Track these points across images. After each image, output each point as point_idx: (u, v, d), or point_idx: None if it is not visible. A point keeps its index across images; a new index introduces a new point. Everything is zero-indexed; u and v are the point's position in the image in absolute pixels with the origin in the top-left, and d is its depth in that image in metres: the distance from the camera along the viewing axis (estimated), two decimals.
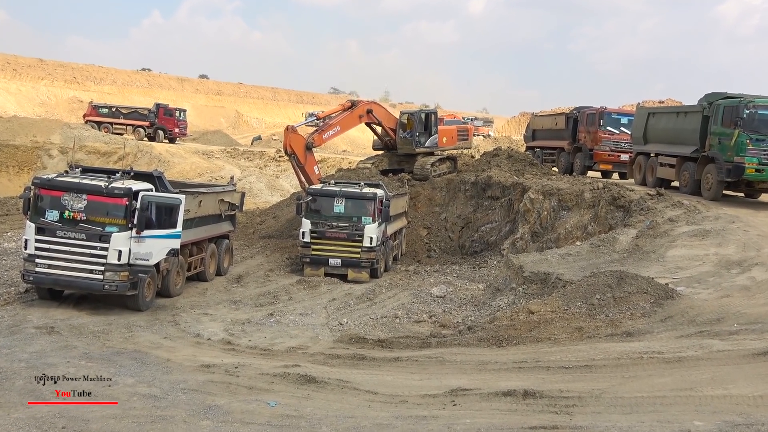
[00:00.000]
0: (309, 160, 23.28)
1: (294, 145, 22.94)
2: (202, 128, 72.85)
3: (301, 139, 23.12)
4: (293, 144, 22.92)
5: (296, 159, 23.16)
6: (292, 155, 23.19)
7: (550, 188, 21.44)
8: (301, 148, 23.02)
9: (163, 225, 14.17)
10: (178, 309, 14.99)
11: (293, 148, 22.96)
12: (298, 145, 23.00)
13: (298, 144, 23.01)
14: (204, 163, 40.80)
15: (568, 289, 12.67)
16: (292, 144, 22.91)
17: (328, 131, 24.19)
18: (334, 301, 16.55)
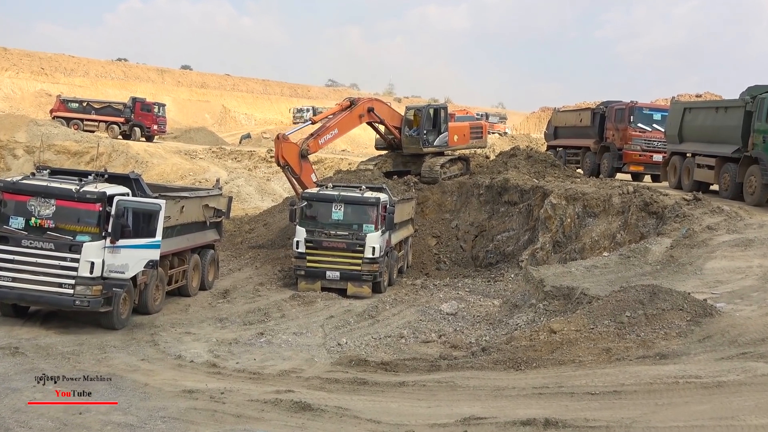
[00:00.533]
0: (305, 168, 23.32)
1: (287, 155, 22.96)
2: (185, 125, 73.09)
3: (294, 148, 23.16)
4: (286, 154, 22.95)
5: (291, 170, 23.22)
6: (285, 166, 23.24)
7: (574, 192, 21.45)
8: (295, 157, 23.04)
9: (141, 233, 14.21)
10: (158, 327, 15.01)
11: (286, 159, 22.98)
12: (292, 155, 23.01)
13: (292, 153, 23.03)
14: (186, 165, 40.94)
15: (594, 305, 12.67)
16: (284, 154, 22.93)
17: (324, 135, 24.24)
18: (332, 319, 16.56)
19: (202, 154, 45.29)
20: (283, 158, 22.97)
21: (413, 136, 27.23)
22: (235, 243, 25.27)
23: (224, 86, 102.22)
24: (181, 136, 58.79)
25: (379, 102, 27.13)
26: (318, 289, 19.24)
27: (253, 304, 17.82)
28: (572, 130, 32.34)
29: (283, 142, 22.99)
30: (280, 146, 22.94)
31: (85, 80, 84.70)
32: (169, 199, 15.88)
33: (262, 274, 21.22)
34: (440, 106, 28.96)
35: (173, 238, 16.68)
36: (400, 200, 21.87)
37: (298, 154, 23.12)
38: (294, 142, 23.44)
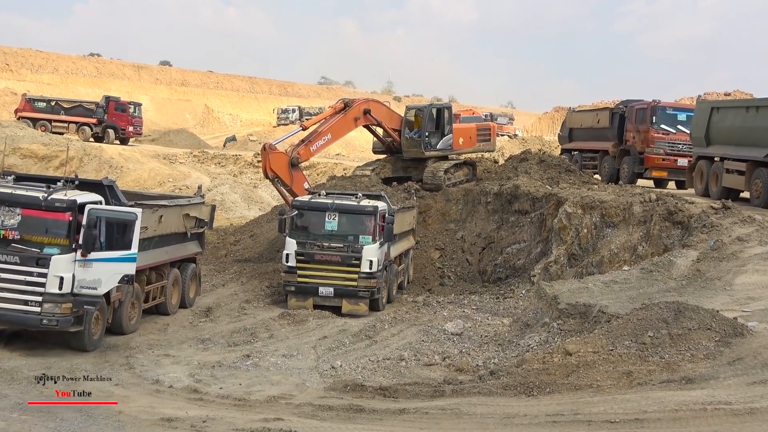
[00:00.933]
0: (296, 178, 23.35)
1: (275, 166, 22.97)
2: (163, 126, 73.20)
3: (283, 158, 23.18)
4: (274, 165, 22.95)
5: (281, 181, 23.24)
6: (275, 179, 23.26)
7: (591, 200, 21.49)
8: (284, 167, 23.05)
9: (115, 246, 14.21)
10: (133, 349, 14.99)
11: (275, 170, 22.98)
12: (281, 165, 23.02)
13: (281, 163, 23.04)
14: (165, 170, 40.97)
15: (613, 324, 12.67)
16: (273, 166, 22.93)
17: (316, 141, 24.26)
18: (326, 340, 16.55)
19: (182, 158, 45.34)
20: (271, 170, 22.95)
21: (414, 139, 27.29)
22: (218, 256, 25.25)
23: (207, 84, 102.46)
24: (159, 138, 58.88)
25: (377, 103, 27.19)
26: (310, 306, 19.23)
27: (239, 323, 17.80)
28: (589, 131, 32.41)
29: (271, 153, 22.98)
30: (268, 157, 22.90)
31: (54, 77, 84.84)
32: (146, 207, 15.88)
33: (249, 291, 21.19)
34: (444, 106, 29.03)
35: (151, 251, 16.67)
36: (400, 209, 21.89)
37: (288, 164, 23.12)
38: (282, 152, 23.43)
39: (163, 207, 17.43)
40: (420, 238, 25.33)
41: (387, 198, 21.20)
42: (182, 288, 18.65)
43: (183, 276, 18.69)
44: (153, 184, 37.88)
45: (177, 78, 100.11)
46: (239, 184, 39.84)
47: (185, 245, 18.88)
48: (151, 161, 42.53)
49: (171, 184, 38.03)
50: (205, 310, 18.91)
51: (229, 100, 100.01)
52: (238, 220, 33.06)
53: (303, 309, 19.02)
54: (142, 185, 36.90)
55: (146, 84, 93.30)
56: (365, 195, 20.92)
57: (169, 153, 46.47)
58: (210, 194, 34.16)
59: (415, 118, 27.81)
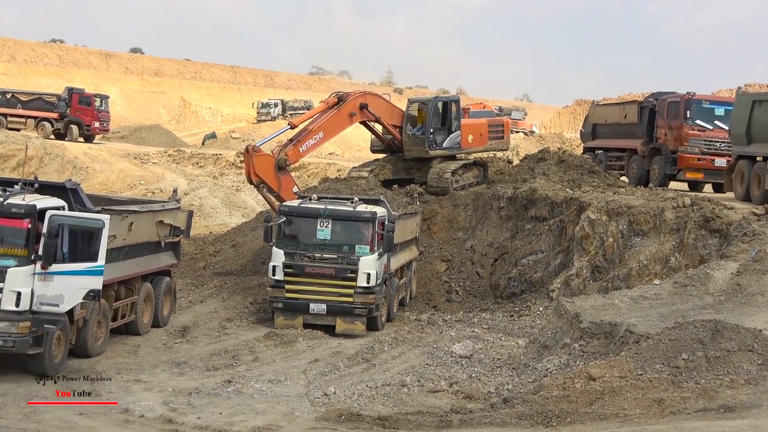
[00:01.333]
0: (285, 182, 23.34)
1: (261, 170, 22.97)
2: (134, 122, 73.25)
3: (268, 160, 23.18)
4: (259, 169, 22.95)
5: (267, 187, 23.24)
6: (260, 184, 23.26)
7: (617, 205, 21.51)
8: (270, 171, 23.05)
9: (80, 257, 14.22)
10: (100, 374, 14.97)
11: (260, 175, 22.98)
12: (267, 169, 23.02)
13: (266, 167, 23.03)
14: (136, 171, 40.98)
15: (642, 345, 12.68)
16: (257, 170, 22.93)
17: (306, 141, 24.26)
18: (317, 363, 16.55)
19: (155, 158, 45.34)
20: (255, 175, 22.94)
21: (417, 137, 27.31)
22: (196, 269, 25.24)
23: (183, 74, 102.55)
24: (129, 135, 58.90)
25: (375, 96, 27.21)
26: (299, 325, 19.22)
27: (219, 344, 17.79)
28: (615, 128, 32.43)
29: (255, 155, 22.97)
30: (251, 160, 22.89)
31: (11, 66, 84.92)
32: (114, 213, 15.90)
33: (230, 308, 21.18)
34: (451, 99, 29.05)
35: (120, 263, 16.69)
36: (402, 215, 21.89)
37: (274, 167, 23.12)
38: (268, 153, 23.43)
39: (134, 213, 17.45)
40: (424, 248, 25.33)
41: (387, 203, 21.21)
42: (155, 305, 18.64)
43: (156, 291, 18.69)
44: (122, 187, 37.88)
45: (149, 67, 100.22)
46: (220, 187, 39.86)
47: (159, 256, 18.87)
48: (121, 161, 42.54)
49: (143, 187, 38.04)
50: (181, 329, 18.90)
51: (209, 92, 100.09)
52: (219, 227, 33.05)
53: (292, 328, 19.01)
54: (110, 188, 36.92)
55: (115, 74, 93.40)
56: (362, 199, 20.92)
57: (140, 152, 46.46)
58: (187, 199, 34.16)
59: (418, 112, 27.83)
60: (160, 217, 18.65)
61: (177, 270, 21.19)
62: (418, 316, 21.78)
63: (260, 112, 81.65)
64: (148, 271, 18.36)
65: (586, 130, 35.22)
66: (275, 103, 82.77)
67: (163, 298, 18.96)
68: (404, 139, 27.29)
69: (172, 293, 19.70)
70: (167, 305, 19.37)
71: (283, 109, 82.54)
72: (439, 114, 27.77)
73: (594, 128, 34.14)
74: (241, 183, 40.47)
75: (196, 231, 27.66)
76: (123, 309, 17.33)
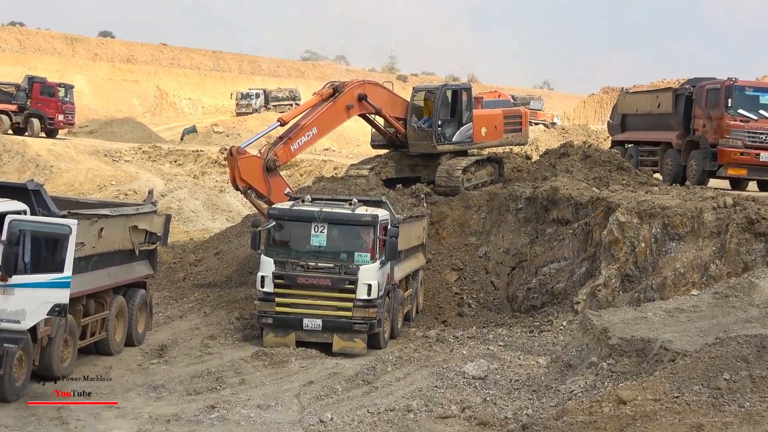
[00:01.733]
0: (275, 185, 23.36)
1: (247, 174, 23.00)
2: (104, 115, 73.38)
3: (255, 162, 23.23)
4: (246, 173, 22.97)
5: (256, 193, 23.28)
6: (248, 190, 23.30)
7: (650, 206, 21.50)
8: (258, 174, 23.10)
9: (44, 267, 14.23)
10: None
11: (247, 180, 23.02)
12: (254, 172, 23.06)
13: (253, 170, 23.07)
14: (107, 170, 41.04)
15: (679, 364, 12.67)
16: (244, 174, 22.96)
17: (298, 138, 24.26)
18: (312, 386, 16.55)
19: (128, 155, 45.44)
20: (242, 180, 22.99)
21: (424, 130, 27.33)
22: (175, 280, 25.25)
23: (159, 60, 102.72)
24: (99, 130, 58.95)
25: (375, 85, 27.21)
26: (292, 343, 19.23)
27: (201, 365, 17.80)
28: (647, 119, 32.43)
29: (240, 159, 22.99)
30: (236, 164, 22.91)
31: None
32: (82, 218, 15.91)
33: (214, 324, 21.18)
34: (461, 87, 29.09)
35: (89, 274, 16.70)
36: (407, 218, 21.90)
37: (263, 169, 23.17)
38: (254, 155, 23.45)
39: (105, 218, 17.44)
40: (432, 256, 25.34)
41: (389, 205, 21.21)
42: (129, 321, 18.65)
43: (130, 305, 18.70)
44: (91, 188, 37.94)
45: (121, 53, 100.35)
46: (201, 187, 39.93)
47: (132, 266, 18.88)
48: (89, 159, 42.60)
49: (114, 189, 38.11)
50: (158, 348, 18.90)
51: (188, 80, 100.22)
52: (200, 233, 33.10)
53: (283, 347, 19.02)
54: (78, 190, 36.96)
55: (82, 61, 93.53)
56: (361, 201, 20.93)
57: (111, 148, 46.55)
58: (164, 201, 34.21)
59: (424, 102, 27.86)
60: (133, 221, 18.66)
61: (153, 281, 21.19)
62: (425, 333, 21.77)
63: (240, 103, 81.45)
64: (120, 282, 18.37)
65: (614, 121, 35.20)
66: (257, 93, 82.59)
67: (137, 313, 18.96)
68: (409, 132, 27.30)
69: (148, 308, 19.71)
70: (142, 321, 19.37)
71: (265, 100, 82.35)
72: (447, 104, 27.80)
73: (623, 119, 34.12)
74: (225, 183, 40.53)
75: (174, 237, 27.72)
76: (92, 326, 17.32)
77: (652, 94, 34.30)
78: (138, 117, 73.33)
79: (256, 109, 79.65)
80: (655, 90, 39.48)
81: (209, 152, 46.52)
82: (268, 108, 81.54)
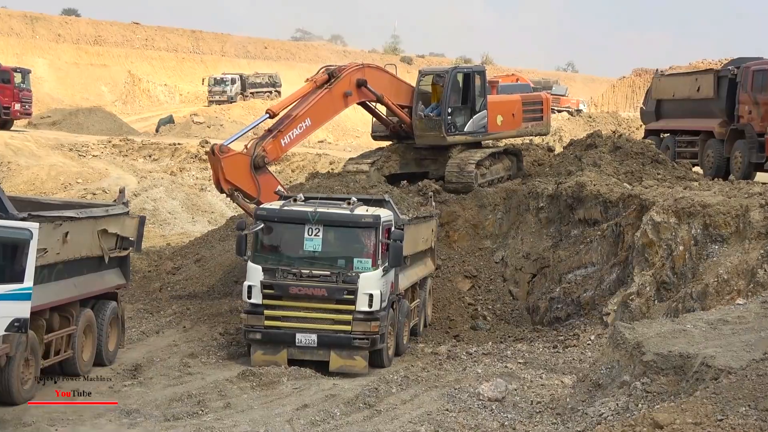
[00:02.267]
0: (264, 183, 23.41)
1: (233, 175, 23.08)
2: (69, 103, 73.42)
3: (241, 160, 23.28)
4: (231, 174, 23.04)
5: (243, 194, 23.34)
6: (235, 192, 23.34)
7: (689, 204, 21.50)
8: (245, 174, 23.20)
9: (1, 277, 14.22)
10: (28, 426, 15.01)
11: (233, 181, 23.10)
12: (240, 172, 23.14)
13: (239, 170, 23.15)
14: (72, 166, 41.06)
15: (723, 383, 12.68)
16: (229, 175, 23.03)
17: (289, 131, 24.25)
18: (306, 410, 16.55)
19: (96, 149, 45.44)
20: (226, 182, 23.07)
21: (432, 119, 27.34)
22: (150, 291, 25.25)
23: (131, 42, 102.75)
24: (63, 120, 58.93)
25: (376, 69, 27.21)
26: (283, 361, 19.23)
27: (180, 387, 17.79)
28: (685, 104, 32.44)
29: (224, 158, 23.03)
30: (220, 164, 22.96)
31: None
32: (45, 221, 15.90)
33: (194, 340, 21.19)
34: (474, 70, 29.11)
35: (52, 284, 16.69)
36: (413, 220, 21.93)
37: (250, 168, 23.25)
38: (240, 153, 23.47)
39: (70, 220, 17.42)
40: (442, 262, 25.36)
41: (393, 204, 21.23)
42: (98, 337, 18.63)
43: (99, 320, 18.69)
44: (54, 186, 37.97)
45: (88, 33, 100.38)
46: (179, 186, 39.95)
47: (102, 275, 18.88)
48: (52, 154, 42.63)
49: (81, 187, 38.14)
50: (132, 368, 18.89)
51: (164, 64, 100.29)
52: (178, 237, 33.12)
53: (273, 365, 19.02)
54: (39, 189, 36.99)
55: (43, 42, 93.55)
56: (362, 200, 20.94)
57: (77, 142, 46.54)
58: (137, 201, 34.26)
59: (432, 88, 27.87)
60: (103, 225, 18.65)
61: (126, 293, 21.21)
62: (434, 349, 21.78)
63: (213, 90, 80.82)
64: (88, 294, 18.36)
65: (648, 107, 35.22)
66: (232, 79, 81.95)
67: (108, 328, 18.94)
68: (415, 122, 27.30)
69: (120, 322, 19.69)
70: (113, 338, 19.37)
71: (242, 87, 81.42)
72: (459, 89, 27.80)
73: (658, 105, 34.14)
74: (206, 180, 40.55)
75: (149, 242, 27.72)
76: (57, 343, 17.28)
77: (690, 77, 34.29)
78: (107, 106, 73.42)
79: (232, 97, 79.19)
80: (695, 72, 39.47)
81: (188, 145, 46.52)
82: (245, 96, 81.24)
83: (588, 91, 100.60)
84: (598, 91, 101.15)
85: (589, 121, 60.10)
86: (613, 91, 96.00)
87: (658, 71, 41.34)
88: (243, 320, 19.80)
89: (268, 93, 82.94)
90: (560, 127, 55.91)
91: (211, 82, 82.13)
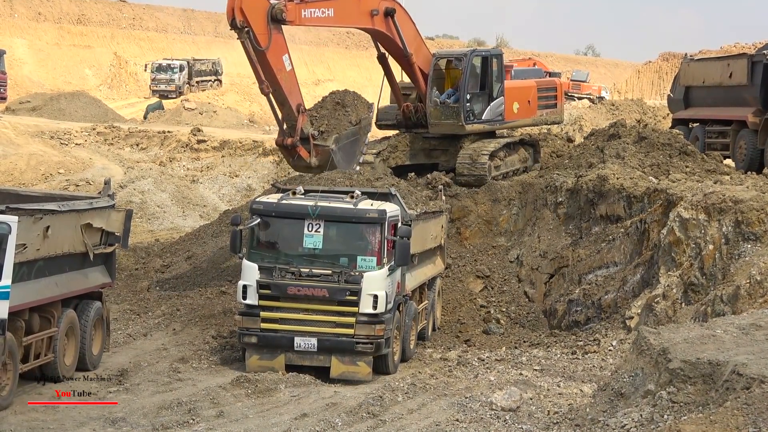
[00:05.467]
0: (275, 42, 23.59)
1: (249, 7, 23.15)
2: (50, 88, 73.50)
3: (262, 3, 23.39)
4: (247, 6, 23.12)
5: (251, 36, 23.34)
6: (244, 29, 23.30)
7: (719, 199, 21.50)
8: (261, 16, 23.28)
9: None
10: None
11: (247, 14, 23.10)
12: (257, 12, 23.24)
13: (257, 9, 23.28)
14: (54, 155, 41.11)
15: (755, 393, 12.70)
16: (244, 5, 23.10)
17: (313, 7, 24.36)
18: (305, 420, 16.59)
19: (80, 137, 45.47)
20: (240, 11, 23.14)
21: (449, 106, 27.26)
22: (138, 290, 25.28)
23: (117, 21, 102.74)
24: (44, 106, 58.95)
25: (406, 14, 26.98)
26: (280, 367, 19.28)
27: (170, 394, 17.83)
28: (716, 92, 32.43)
29: None
30: None
31: None
32: (24, 214, 15.94)
33: (185, 343, 21.23)
34: (492, 53, 29.01)
35: (32, 282, 16.75)
36: (422, 215, 21.95)
37: (267, 14, 23.40)
38: None
39: (52, 213, 17.45)
40: (452, 260, 25.37)
41: (400, 198, 21.23)
42: (81, 340, 18.66)
43: (82, 321, 18.72)
44: (34, 177, 38.03)
45: (70, 12, 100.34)
46: (169, 177, 39.97)
47: (86, 273, 18.92)
48: (32, 142, 42.68)
49: (62, 178, 38.19)
50: (118, 373, 18.91)
51: (152, 45, 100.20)
52: (168, 233, 33.15)
53: (270, 371, 19.06)
54: (18, 180, 37.06)
55: (22, 22, 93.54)
56: (366, 193, 20.95)
57: (59, 129, 46.58)
58: (123, 193, 34.31)
59: (446, 72, 27.80)
60: (86, 218, 18.67)
61: (111, 292, 21.23)
62: (444, 354, 21.82)
63: (156, 79, 77.67)
64: (71, 293, 18.41)
65: (676, 95, 35.21)
66: (180, 66, 78.99)
67: (92, 330, 18.97)
68: (429, 109, 27.14)
69: (105, 324, 19.72)
70: (98, 340, 19.40)
71: (189, 75, 79.16)
72: (477, 74, 27.70)
73: (687, 93, 34.12)
74: (198, 171, 40.59)
75: (136, 238, 27.75)
76: (37, 346, 17.30)
77: (722, 62, 34.24)
78: (91, 91, 73.47)
79: (179, 86, 77.04)
80: (726, 57, 39.38)
81: (179, 134, 46.45)
82: (191, 85, 79.39)
83: (611, 77, 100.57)
84: (621, 76, 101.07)
85: (612, 109, 59.98)
86: (637, 76, 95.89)
87: (687, 55, 41.30)
88: (237, 322, 19.81)
89: (210, 82, 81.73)
90: (581, 115, 55.82)
91: (153, 68, 79.12)
